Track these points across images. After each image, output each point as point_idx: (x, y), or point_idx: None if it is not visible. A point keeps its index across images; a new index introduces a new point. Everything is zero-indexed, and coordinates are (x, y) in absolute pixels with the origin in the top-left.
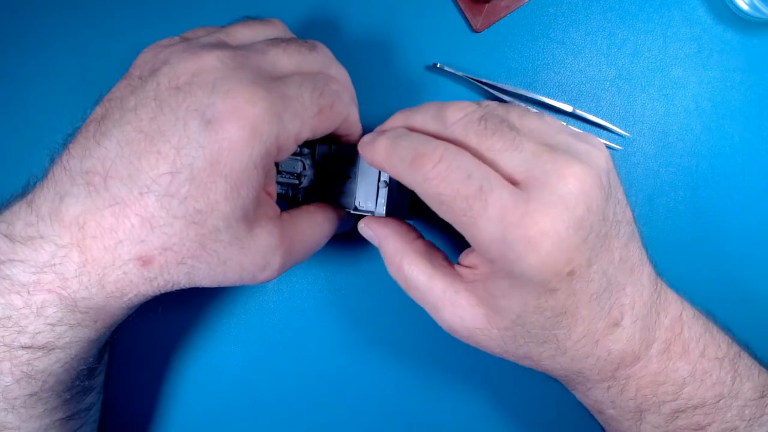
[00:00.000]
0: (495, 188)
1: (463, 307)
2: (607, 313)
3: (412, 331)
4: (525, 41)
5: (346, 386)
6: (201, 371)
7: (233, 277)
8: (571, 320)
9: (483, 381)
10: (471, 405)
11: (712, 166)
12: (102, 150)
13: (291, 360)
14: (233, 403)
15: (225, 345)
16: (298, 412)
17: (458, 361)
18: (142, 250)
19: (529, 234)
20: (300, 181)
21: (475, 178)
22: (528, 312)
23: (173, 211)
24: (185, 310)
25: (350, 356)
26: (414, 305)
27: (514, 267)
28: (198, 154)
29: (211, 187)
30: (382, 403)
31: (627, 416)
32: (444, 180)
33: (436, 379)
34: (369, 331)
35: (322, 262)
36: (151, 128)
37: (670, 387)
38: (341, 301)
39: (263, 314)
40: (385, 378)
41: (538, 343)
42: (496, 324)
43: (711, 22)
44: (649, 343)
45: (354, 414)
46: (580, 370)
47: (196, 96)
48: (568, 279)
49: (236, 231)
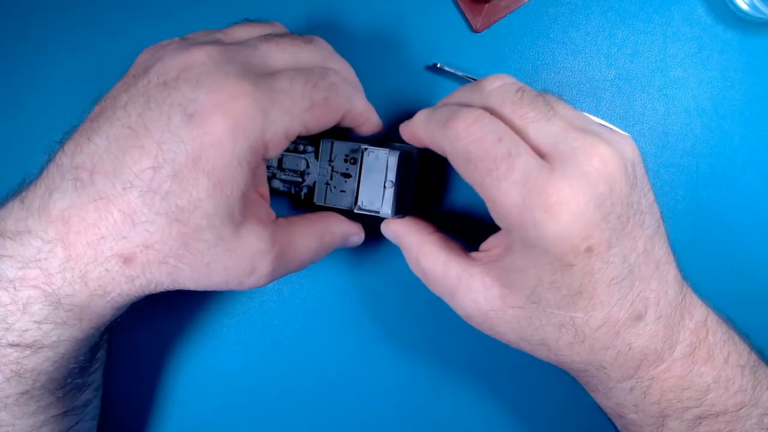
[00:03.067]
0: (522, 155)
1: (477, 289)
2: (630, 304)
3: (413, 332)
4: (525, 41)
5: (346, 386)
6: (201, 371)
7: (218, 280)
8: (589, 303)
9: (484, 382)
10: (472, 407)
11: (712, 166)
12: (92, 146)
13: (291, 360)
14: (233, 403)
15: (225, 345)
16: (298, 412)
17: (459, 362)
18: (123, 247)
19: (549, 202)
20: (303, 179)
21: (505, 142)
22: (543, 287)
23: (155, 207)
24: (185, 310)
25: (350, 356)
26: (414, 306)
27: (530, 234)
28: (180, 149)
29: (193, 184)
30: (382, 403)
31: (649, 421)
32: (475, 140)
33: (438, 379)
34: (369, 331)
35: (322, 263)
36: (138, 124)
37: (694, 392)
38: (341, 302)
39: (263, 314)
40: (385, 378)
41: (555, 326)
42: (511, 302)
43: (711, 22)
44: (672, 344)
45: (354, 414)
46: (600, 363)
47: (180, 91)
48: (585, 255)
49: (220, 231)
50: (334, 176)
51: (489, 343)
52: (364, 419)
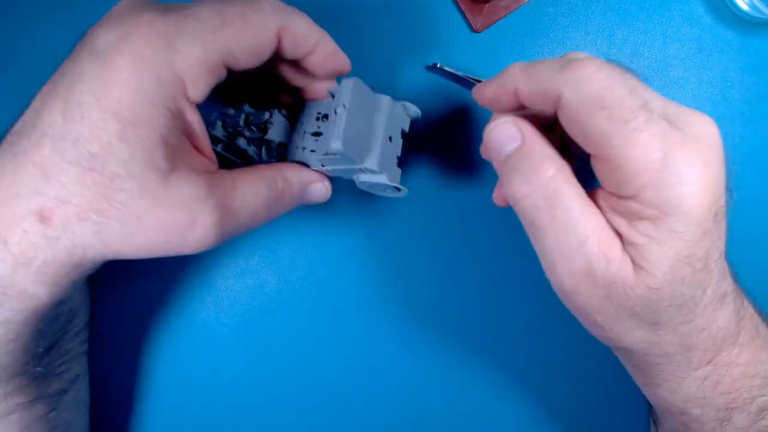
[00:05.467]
0: (656, 109)
1: (614, 254)
2: (723, 278)
3: (413, 332)
4: (525, 41)
5: (346, 386)
6: (201, 371)
7: (156, 238)
8: (708, 276)
9: (486, 383)
10: (474, 409)
11: None
12: (28, 111)
13: (291, 360)
14: (233, 403)
15: (225, 345)
16: (298, 412)
17: (461, 362)
18: (38, 203)
19: (691, 159)
20: (266, 131)
21: (638, 93)
22: (679, 265)
23: (67, 155)
24: (185, 309)
25: (350, 356)
26: (414, 306)
27: (672, 194)
28: (85, 89)
29: (102, 126)
30: (383, 403)
31: (714, 416)
32: (608, 86)
33: (440, 380)
34: (369, 331)
35: (322, 262)
36: (57, 75)
37: (758, 380)
38: (342, 302)
39: (263, 314)
40: (386, 378)
41: (676, 306)
42: (647, 281)
43: (711, 22)
44: (740, 328)
45: (354, 414)
46: (693, 343)
47: (93, 34)
48: (715, 221)
49: (142, 180)
50: (305, 137)
51: (492, 344)
52: (365, 419)
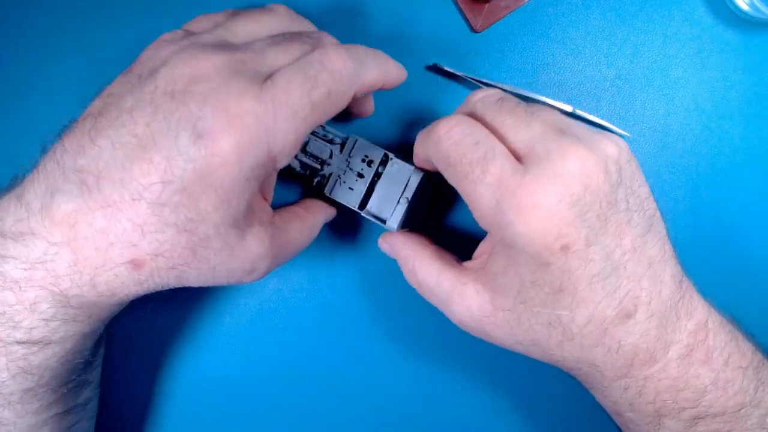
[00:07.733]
0: (497, 157)
1: (470, 296)
2: (618, 302)
3: (414, 332)
4: (525, 41)
5: (346, 386)
6: (201, 371)
7: (221, 279)
8: (572, 300)
9: (486, 386)
10: (474, 411)
11: (712, 166)
12: (96, 149)
13: (291, 360)
14: (233, 403)
15: (225, 345)
16: (298, 412)
17: (461, 362)
18: (133, 254)
19: (521, 204)
20: (322, 168)
21: (481, 145)
22: (526, 287)
23: (165, 218)
24: (184, 309)
25: (350, 356)
26: (414, 306)
27: (506, 235)
28: (188, 167)
29: (201, 198)
30: (383, 403)
31: (646, 420)
32: (453, 144)
33: (441, 379)
34: (369, 331)
35: (322, 262)
36: (145, 134)
37: (690, 394)
38: (341, 302)
39: (263, 314)
40: (386, 378)
41: (543, 325)
42: (500, 305)
43: (711, 22)
44: (667, 344)
45: (354, 414)
46: (592, 361)
47: (188, 107)
48: (561, 254)
49: (226, 238)
50: (347, 172)
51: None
52: (365, 419)
